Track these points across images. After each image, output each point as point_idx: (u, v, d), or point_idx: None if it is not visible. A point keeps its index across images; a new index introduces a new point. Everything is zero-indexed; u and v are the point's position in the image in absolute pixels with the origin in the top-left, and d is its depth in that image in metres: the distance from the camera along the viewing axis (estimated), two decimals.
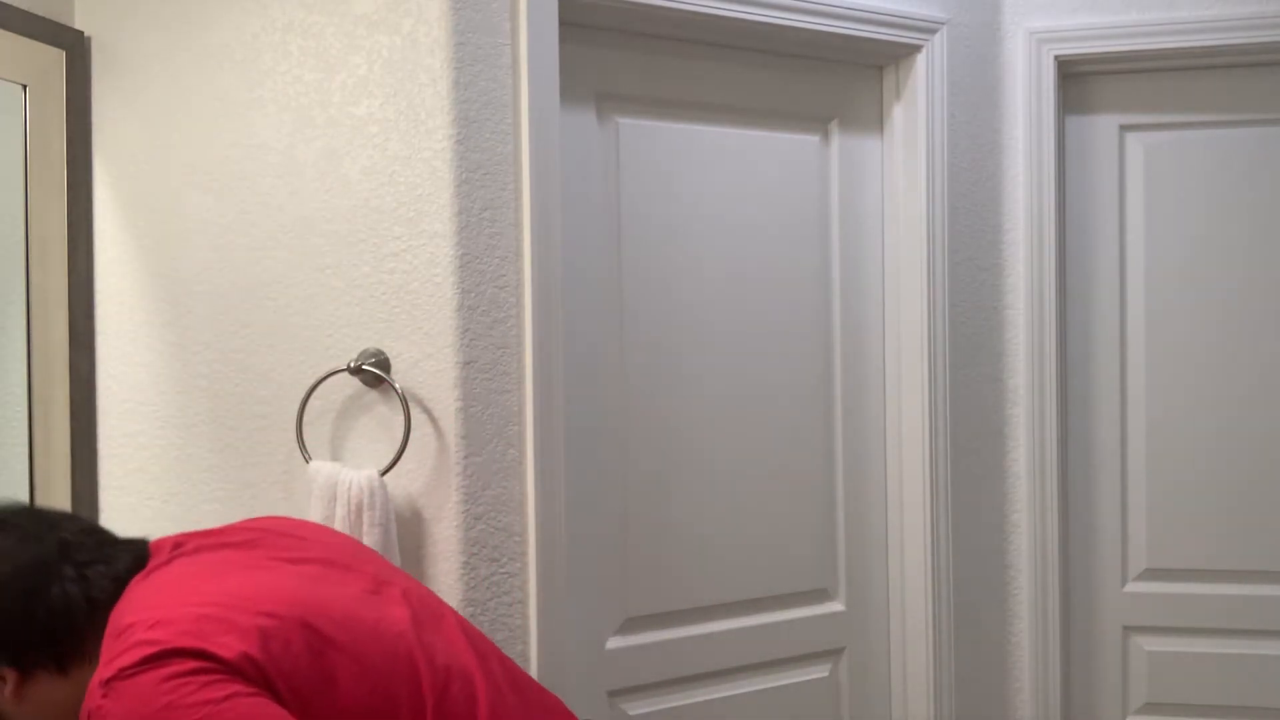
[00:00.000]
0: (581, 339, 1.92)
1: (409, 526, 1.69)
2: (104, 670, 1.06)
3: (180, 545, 1.27)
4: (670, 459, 2.02)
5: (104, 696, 1.04)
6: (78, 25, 1.80)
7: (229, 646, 1.06)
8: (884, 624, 2.25)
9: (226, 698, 1.03)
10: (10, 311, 1.69)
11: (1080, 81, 2.34)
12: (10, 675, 1.17)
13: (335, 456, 1.72)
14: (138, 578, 1.22)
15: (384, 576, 1.31)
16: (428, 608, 1.30)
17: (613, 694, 1.96)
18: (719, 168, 2.06)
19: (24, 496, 1.70)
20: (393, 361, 1.69)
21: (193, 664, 1.04)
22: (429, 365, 1.68)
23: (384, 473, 1.65)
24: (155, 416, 1.80)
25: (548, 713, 1.34)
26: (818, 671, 2.19)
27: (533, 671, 1.74)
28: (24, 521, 1.23)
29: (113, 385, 1.81)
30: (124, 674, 1.04)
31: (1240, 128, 2.32)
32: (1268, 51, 2.26)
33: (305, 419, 1.72)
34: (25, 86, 1.70)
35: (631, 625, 1.99)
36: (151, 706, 1.02)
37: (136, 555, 1.26)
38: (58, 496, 1.74)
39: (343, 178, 1.70)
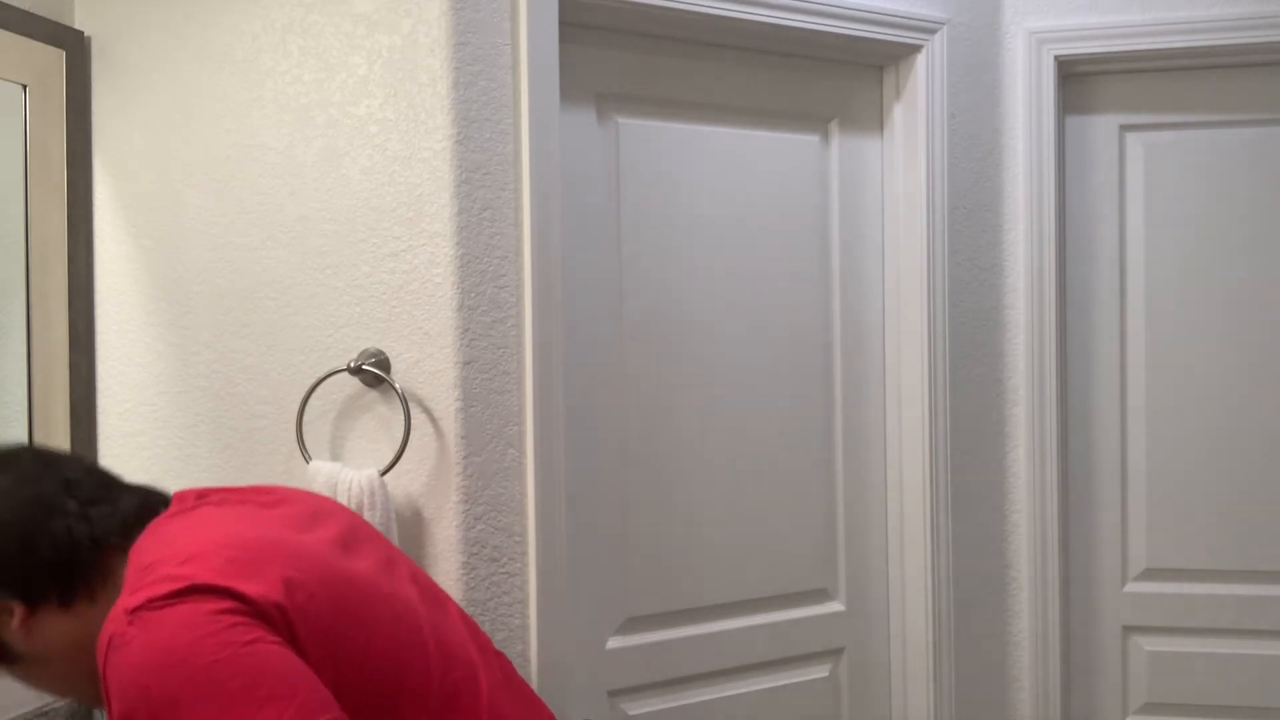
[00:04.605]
0: (581, 339, 1.92)
1: (409, 526, 1.69)
2: (130, 599, 1.05)
3: (204, 496, 1.28)
4: (670, 459, 2.02)
5: (130, 624, 1.03)
6: (78, 25, 1.80)
7: (258, 590, 1.05)
8: (884, 624, 2.26)
9: (251, 641, 1.02)
10: (10, 311, 1.69)
11: (1080, 81, 2.34)
12: (17, 609, 1.17)
13: (335, 456, 1.72)
14: (160, 519, 1.22)
15: (392, 556, 1.33)
16: (432, 593, 1.32)
17: (613, 694, 1.96)
18: (719, 168, 2.06)
19: None
20: (393, 361, 1.69)
21: (222, 603, 1.03)
22: (429, 365, 1.68)
23: (384, 473, 1.65)
24: (155, 416, 1.80)
25: (537, 713, 1.35)
26: (818, 671, 2.19)
27: (533, 671, 1.74)
28: (26, 460, 1.24)
29: (113, 385, 1.82)
30: (152, 604, 1.03)
31: (1240, 128, 2.32)
32: (1268, 51, 2.26)
33: (305, 419, 1.72)
34: (25, 86, 1.70)
35: (631, 625, 1.99)
36: (178, 640, 1.01)
37: (143, 499, 1.27)
38: None
39: (343, 178, 1.70)
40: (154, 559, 1.12)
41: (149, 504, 1.27)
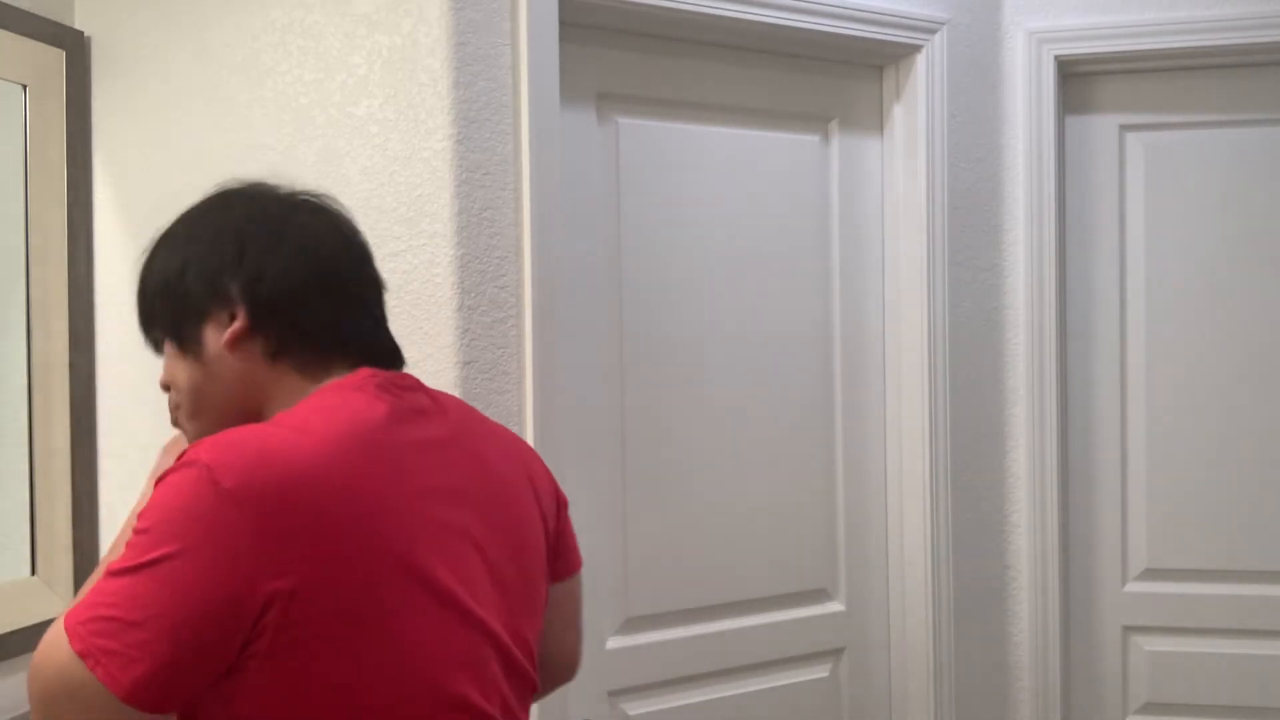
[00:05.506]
0: (581, 339, 1.91)
1: None
2: (223, 452, 0.96)
3: (383, 385, 1.12)
4: (670, 459, 2.02)
5: (197, 469, 0.95)
6: (78, 25, 1.80)
7: (271, 581, 0.94)
8: (884, 624, 2.25)
9: (238, 580, 0.93)
10: (10, 311, 1.69)
11: (1080, 81, 2.34)
12: (241, 318, 1.10)
13: None
14: (348, 384, 1.10)
15: (511, 591, 1.16)
16: (516, 642, 1.16)
17: (613, 694, 1.96)
18: (719, 168, 2.06)
19: (24, 496, 1.70)
20: None
21: (255, 537, 0.94)
22: (429, 365, 1.68)
23: None
24: (155, 416, 1.80)
25: None
26: (818, 671, 2.19)
27: None
28: (341, 221, 1.20)
29: (112, 385, 1.81)
30: (226, 474, 0.94)
31: (1240, 128, 2.32)
32: (1268, 51, 2.26)
33: None
34: (25, 86, 1.70)
35: (631, 625, 1.99)
36: (204, 524, 0.94)
37: (367, 341, 1.17)
38: (58, 496, 1.74)
39: (343, 178, 1.70)
40: (293, 424, 1.02)
41: (370, 355, 1.16)
